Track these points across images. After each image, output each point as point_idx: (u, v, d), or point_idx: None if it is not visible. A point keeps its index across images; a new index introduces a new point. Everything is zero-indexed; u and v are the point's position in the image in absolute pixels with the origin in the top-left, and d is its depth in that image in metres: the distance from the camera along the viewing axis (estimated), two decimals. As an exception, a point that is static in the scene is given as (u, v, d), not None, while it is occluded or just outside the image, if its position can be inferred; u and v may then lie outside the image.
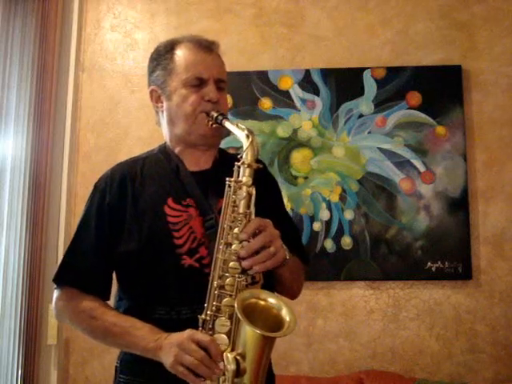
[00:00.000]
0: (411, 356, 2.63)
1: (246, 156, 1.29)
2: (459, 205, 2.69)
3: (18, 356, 2.57)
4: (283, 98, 2.84)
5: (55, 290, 1.42)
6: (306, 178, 2.78)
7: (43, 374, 2.68)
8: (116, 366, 1.39)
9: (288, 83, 2.85)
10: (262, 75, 2.85)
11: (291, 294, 1.46)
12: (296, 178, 2.79)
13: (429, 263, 2.66)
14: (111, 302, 1.43)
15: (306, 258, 1.51)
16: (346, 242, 2.71)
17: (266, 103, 2.84)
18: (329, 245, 2.71)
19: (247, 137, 1.30)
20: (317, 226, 2.74)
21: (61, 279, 1.41)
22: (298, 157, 2.80)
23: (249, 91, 2.83)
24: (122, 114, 2.93)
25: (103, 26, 3.02)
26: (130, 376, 1.35)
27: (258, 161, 1.32)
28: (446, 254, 2.65)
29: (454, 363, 2.61)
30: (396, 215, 2.72)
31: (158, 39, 2.91)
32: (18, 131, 2.73)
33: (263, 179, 1.45)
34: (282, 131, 2.82)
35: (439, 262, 2.65)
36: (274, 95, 2.84)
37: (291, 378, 2.48)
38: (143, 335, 1.26)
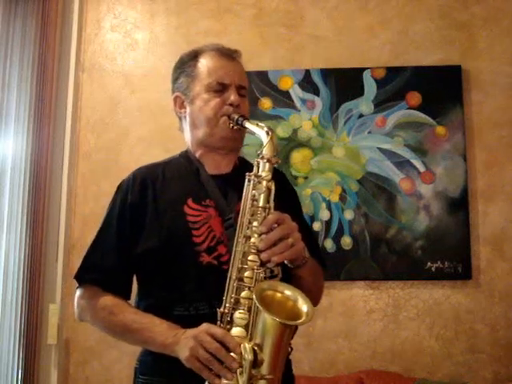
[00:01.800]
0: (411, 356, 2.63)
1: (266, 151, 1.32)
2: (459, 205, 2.69)
3: (18, 356, 2.57)
4: (283, 98, 2.84)
5: (77, 289, 1.44)
6: (306, 178, 2.79)
7: (43, 374, 2.68)
8: (135, 368, 1.41)
9: (288, 83, 2.85)
10: (262, 75, 2.85)
11: (312, 299, 1.45)
12: (296, 178, 2.79)
13: (429, 263, 2.66)
14: (131, 303, 1.44)
15: (323, 262, 1.53)
16: (346, 241, 2.72)
17: (266, 103, 2.84)
18: (329, 245, 2.72)
19: (267, 133, 1.34)
20: (317, 225, 2.74)
21: (82, 277, 1.43)
22: (298, 157, 2.81)
23: (249, 91, 2.80)
24: (122, 114, 2.93)
25: (103, 26, 3.02)
26: (149, 376, 1.36)
27: (276, 170, 1.35)
28: (446, 254, 2.65)
29: (454, 363, 2.61)
30: (396, 215, 2.72)
31: (158, 39, 2.96)
32: (18, 131, 2.73)
33: (283, 188, 1.48)
34: (282, 131, 2.82)
35: (439, 262, 2.65)
36: (274, 95, 2.84)
37: (291, 377, 2.48)
38: (161, 331, 1.28)
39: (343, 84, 2.83)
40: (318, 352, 2.67)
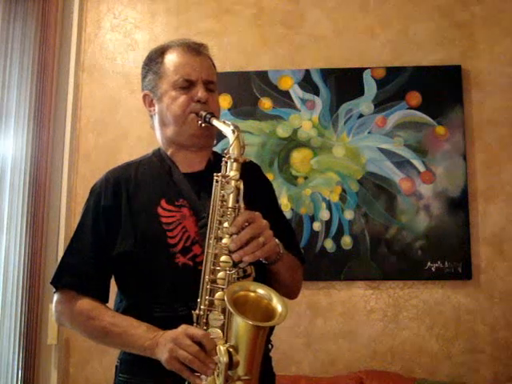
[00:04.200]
0: (411, 356, 2.63)
1: (233, 151, 1.31)
2: (459, 205, 2.69)
3: (19, 356, 2.57)
4: (283, 98, 2.84)
5: (54, 294, 1.43)
6: (306, 178, 2.78)
7: (43, 374, 2.68)
8: (116, 366, 1.41)
9: (288, 83, 2.85)
10: (262, 75, 2.85)
11: (290, 293, 1.46)
12: (296, 177, 2.79)
13: (429, 263, 2.66)
14: (111, 304, 1.44)
15: (302, 257, 1.52)
16: (346, 241, 2.72)
17: (266, 103, 2.84)
18: (329, 245, 2.72)
19: (233, 132, 1.32)
20: (317, 225, 2.74)
21: (59, 282, 1.42)
22: (298, 157, 2.80)
23: (249, 91, 2.84)
24: (122, 114, 2.93)
25: (103, 26, 3.02)
26: (130, 375, 1.36)
27: (250, 163, 1.34)
28: (446, 254, 2.65)
29: (454, 363, 2.61)
30: (396, 215, 2.72)
31: (158, 39, 2.96)
32: (18, 131, 2.73)
33: (258, 181, 1.48)
34: (282, 131, 2.82)
35: (439, 262, 2.65)
36: (274, 95, 2.84)
37: (291, 377, 2.48)
38: (140, 334, 1.27)
39: (343, 84, 2.83)
40: (317, 352, 2.67)
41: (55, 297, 1.42)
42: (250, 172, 1.33)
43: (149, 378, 1.31)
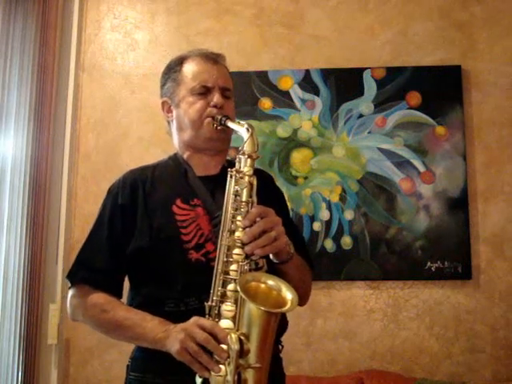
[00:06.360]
0: (411, 356, 2.64)
1: (247, 147, 1.36)
2: (459, 205, 2.69)
3: (19, 356, 2.57)
4: (283, 98, 2.84)
5: (69, 289, 1.46)
6: (305, 178, 2.79)
7: (43, 374, 2.68)
8: (127, 365, 1.43)
9: (288, 83, 2.85)
10: (262, 75, 2.86)
11: (299, 296, 1.46)
12: (296, 177, 2.79)
13: (429, 263, 2.66)
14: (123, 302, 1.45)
15: (311, 262, 1.55)
16: (346, 241, 2.72)
17: (266, 103, 2.84)
18: (329, 245, 2.72)
19: (247, 130, 1.38)
20: (317, 225, 2.74)
21: (74, 276, 1.45)
22: (298, 157, 2.81)
23: (249, 91, 2.84)
24: (122, 114, 2.93)
25: (103, 26, 3.02)
26: (141, 373, 1.38)
27: (263, 173, 1.39)
28: (446, 254, 2.66)
29: (454, 363, 2.61)
30: (396, 215, 2.72)
31: (158, 39, 2.97)
32: (18, 131, 2.73)
33: (271, 191, 1.53)
34: (282, 131, 2.82)
35: (439, 262, 2.65)
36: (274, 95, 2.84)
37: (291, 377, 2.46)
38: (152, 327, 1.30)
39: (343, 84, 2.83)
40: (317, 352, 2.67)
41: (70, 292, 1.46)
42: (263, 182, 1.37)
43: (160, 375, 1.33)
